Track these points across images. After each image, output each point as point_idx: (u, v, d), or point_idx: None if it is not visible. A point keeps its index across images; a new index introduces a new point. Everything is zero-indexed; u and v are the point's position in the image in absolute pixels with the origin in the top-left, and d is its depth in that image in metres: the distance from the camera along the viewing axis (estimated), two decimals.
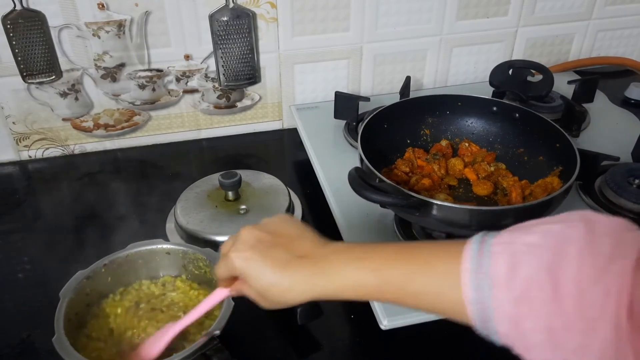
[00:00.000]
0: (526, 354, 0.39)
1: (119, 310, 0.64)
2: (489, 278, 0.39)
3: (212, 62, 0.96)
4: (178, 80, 0.97)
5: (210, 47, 0.94)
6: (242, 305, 0.60)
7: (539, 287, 0.37)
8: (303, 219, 0.82)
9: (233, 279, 0.54)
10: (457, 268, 0.41)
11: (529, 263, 0.38)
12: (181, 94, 0.99)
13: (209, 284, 0.66)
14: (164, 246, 0.68)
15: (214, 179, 0.83)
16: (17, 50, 0.86)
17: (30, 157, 0.99)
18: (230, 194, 0.79)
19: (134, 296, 0.67)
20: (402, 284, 0.44)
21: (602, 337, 0.34)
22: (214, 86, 0.99)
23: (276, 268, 0.47)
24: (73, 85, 0.93)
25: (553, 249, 0.37)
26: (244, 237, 0.50)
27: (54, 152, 0.99)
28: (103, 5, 0.87)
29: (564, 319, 0.36)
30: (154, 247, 0.68)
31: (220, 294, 0.56)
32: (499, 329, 0.39)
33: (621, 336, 0.34)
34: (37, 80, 0.90)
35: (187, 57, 0.95)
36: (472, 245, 0.41)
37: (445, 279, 0.42)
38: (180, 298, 0.67)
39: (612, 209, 0.77)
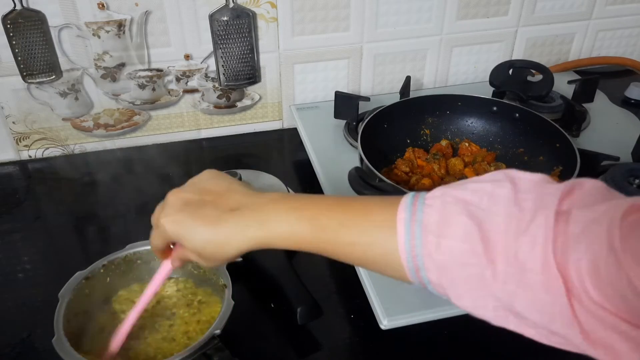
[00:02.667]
0: (459, 301, 0.40)
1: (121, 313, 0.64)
2: (421, 226, 0.41)
3: (212, 62, 0.96)
4: (178, 80, 0.97)
5: (210, 47, 0.94)
6: (242, 305, 0.60)
7: (468, 239, 0.38)
8: None
9: (169, 249, 0.54)
10: (392, 218, 0.42)
11: (460, 216, 0.39)
12: (181, 93, 0.99)
13: (208, 284, 0.66)
14: None
15: None
16: (17, 50, 0.86)
17: (30, 156, 0.99)
18: None
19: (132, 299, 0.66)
20: (337, 233, 0.45)
21: (533, 287, 0.36)
22: (214, 86, 0.99)
23: (208, 225, 0.47)
24: (73, 85, 0.93)
25: (483, 205, 0.39)
26: (170, 201, 0.50)
27: (54, 152, 0.99)
28: (103, 5, 0.87)
29: (493, 270, 0.37)
30: None
31: (165, 268, 0.56)
32: (430, 277, 0.41)
33: (552, 285, 0.35)
34: (37, 80, 0.90)
35: (187, 57, 0.95)
36: (407, 198, 0.43)
37: (380, 229, 0.43)
38: (178, 299, 0.67)
39: None
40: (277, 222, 0.46)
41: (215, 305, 0.65)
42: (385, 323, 0.60)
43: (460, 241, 0.39)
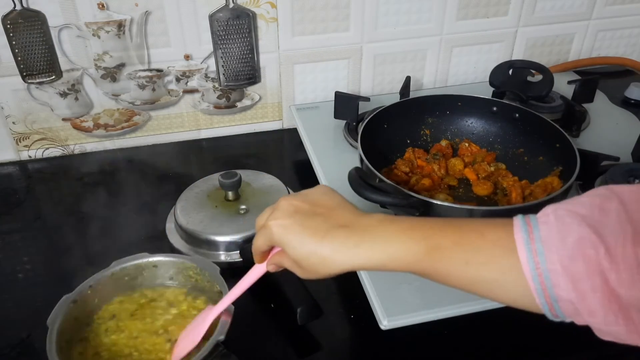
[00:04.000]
0: (591, 318, 0.40)
1: (114, 331, 0.61)
2: (541, 242, 0.40)
3: (212, 62, 0.96)
4: (178, 80, 0.97)
5: (210, 47, 0.94)
6: (242, 306, 0.60)
7: (590, 246, 0.38)
8: None
9: (267, 253, 0.54)
10: (509, 237, 0.42)
11: (577, 226, 0.39)
12: (181, 94, 0.99)
13: (201, 292, 0.65)
14: (150, 259, 0.65)
15: (214, 179, 0.83)
16: (17, 50, 0.86)
17: (30, 157, 0.99)
18: (230, 194, 0.79)
19: (125, 310, 0.63)
20: (451, 252, 0.44)
21: None
22: (214, 86, 0.99)
23: (316, 237, 0.47)
24: (73, 85, 0.93)
25: (595, 217, 0.39)
26: (282, 206, 0.50)
27: (54, 152, 0.99)
28: (103, 5, 0.87)
29: (617, 275, 0.37)
30: (139, 261, 0.65)
31: (258, 270, 0.55)
32: (559, 293, 0.40)
33: None
34: (37, 80, 0.90)
35: (187, 57, 0.95)
36: (518, 219, 0.43)
37: (496, 247, 0.42)
38: (174, 311, 0.64)
39: None
40: (389, 242, 0.46)
41: None
42: (385, 323, 0.60)
43: (584, 249, 0.39)
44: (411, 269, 0.46)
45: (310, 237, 0.47)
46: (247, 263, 0.67)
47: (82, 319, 0.61)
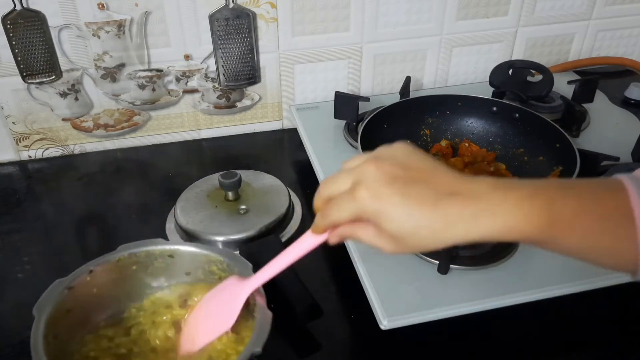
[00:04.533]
0: None
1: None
2: None
3: (212, 62, 0.96)
4: (178, 80, 0.97)
5: (210, 47, 0.94)
6: None
7: None
8: (303, 219, 0.82)
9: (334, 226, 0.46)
10: (625, 204, 0.39)
11: None
12: (181, 94, 0.99)
13: None
14: (166, 247, 0.55)
15: (214, 179, 0.83)
16: (17, 50, 0.86)
17: (30, 157, 0.99)
18: (230, 194, 0.80)
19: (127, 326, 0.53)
20: (571, 221, 0.40)
21: None
22: (213, 86, 0.99)
23: (424, 207, 0.41)
24: (73, 85, 0.93)
25: None
26: (372, 173, 0.42)
27: (54, 152, 0.99)
28: (103, 5, 0.87)
29: None
30: (151, 248, 0.54)
31: (313, 240, 0.47)
32: None
33: None
34: (37, 80, 0.90)
35: (187, 57, 0.95)
36: (629, 183, 0.41)
37: (612, 215, 0.40)
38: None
39: None
40: (511, 213, 0.40)
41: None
42: (385, 323, 0.60)
43: None
44: (528, 239, 0.42)
45: (418, 208, 0.41)
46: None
47: (76, 313, 0.51)
